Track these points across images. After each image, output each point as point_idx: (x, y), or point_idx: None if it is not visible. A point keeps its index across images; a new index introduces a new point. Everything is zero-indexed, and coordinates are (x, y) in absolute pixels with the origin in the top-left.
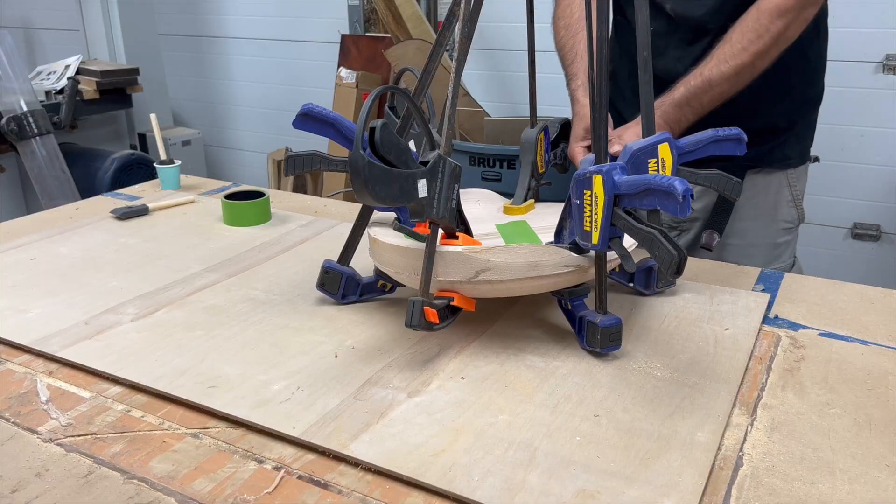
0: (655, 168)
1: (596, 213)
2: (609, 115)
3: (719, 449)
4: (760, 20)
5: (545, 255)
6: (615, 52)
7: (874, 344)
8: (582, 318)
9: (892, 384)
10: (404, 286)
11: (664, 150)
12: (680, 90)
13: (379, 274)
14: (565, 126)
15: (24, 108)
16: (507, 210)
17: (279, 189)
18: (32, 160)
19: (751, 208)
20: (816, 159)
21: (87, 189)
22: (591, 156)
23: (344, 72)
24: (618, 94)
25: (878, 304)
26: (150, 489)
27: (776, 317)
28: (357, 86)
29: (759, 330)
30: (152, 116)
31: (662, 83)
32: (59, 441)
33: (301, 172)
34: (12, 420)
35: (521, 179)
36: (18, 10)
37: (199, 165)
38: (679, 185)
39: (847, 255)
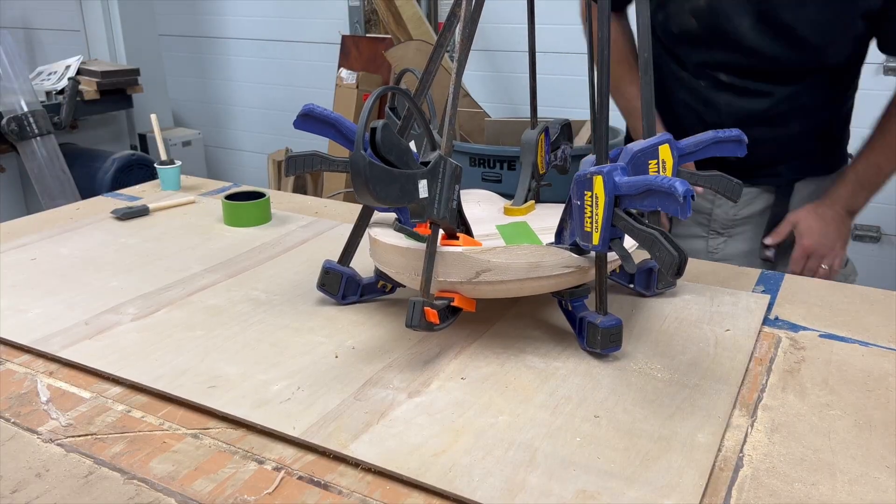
0: (656, 169)
1: (596, 214)
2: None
3: (719, 450)
4: None
5: (546, 256)
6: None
7: (874, 345)
8: (582, 318)
9: (892, 385)
10: (405, 287)
11: (664, 152)
12: (851, 179)
13: (379, 274)
14: (566, 127)
15: (25, 109)
16: (507, 211)
17: (279, 190)
18: (33, 160)
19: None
20: (850, 156)
21: (87, 189)
22: (592, 156)
23: (344, 72)
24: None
25: (879, 306)
26: (151, 489)
27: (776, 318)
28: (357, 86)
29: (760, 331)
30: (153, 117)
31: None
32: (59, 441)
33: (301, 173)
34: (12, 420)
35: (521, 180)
36: (19, 11)
37: (200, 166)
38: (680, 186)
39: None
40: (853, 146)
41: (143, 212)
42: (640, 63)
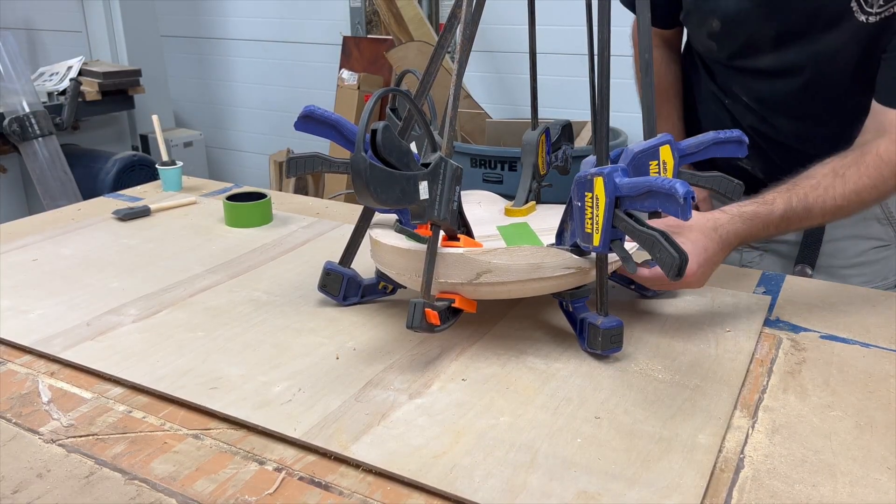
0: (657, 170)
1: (597, 215)
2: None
3: (720, 451)
4: (881, 170)
5: (546, 257)
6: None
7: (875, 346)
8: (583, 319)
9: (893, 386)
10: (405, 288)
11: (665, 152)
12: (779, 207)
13: (380, 275)
14: (567, 128)
15: (27, 109)
16: (508, 212)
17: (280, 191)
18: (34, 161)
19: (835, 228)
20: None
21: (88, 190)
22: (593, 157)
23: (345, 73)
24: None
25: (880, 307)
26: (152, 490)
27: (777, 319)
28: (358, 87)
29: (761, 332)
30: (154, 118)
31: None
32: (60, 442)
33: (302, 174)
34: (14, 420)
35: (522, 181)
36: (21, 12)
37: (201, 167)
38: (680, 188)
39: None
40: None
41: (144, 212)
42: (640, 64)
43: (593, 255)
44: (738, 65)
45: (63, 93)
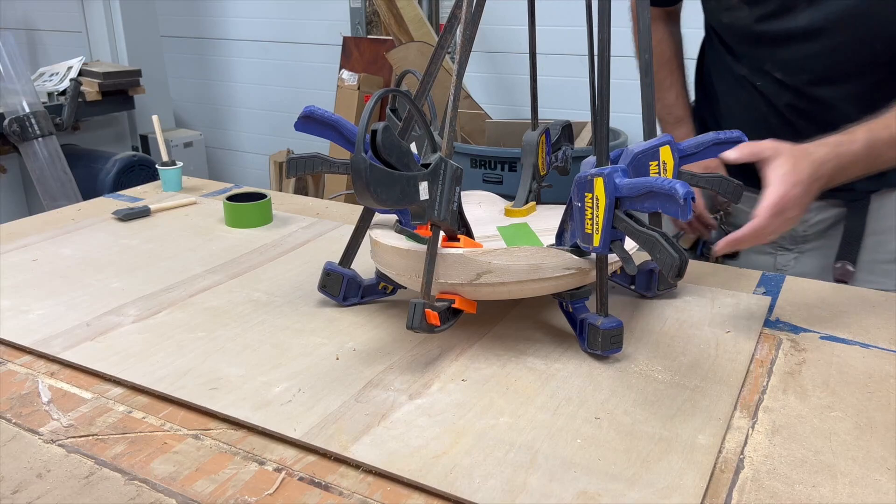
0: (657, 171)
1: (597, 216)
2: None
3: (720, 452)
4: None
5: (546, 258)
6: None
7: (875, 347)
8: (583, 320)
9: (893, 387)
10: (405, 288)
11: (665, 153)
12: (861, 137)
13: (380, 276)
14: (567, 129)
15: (27, 110)
16: (508, 212)
17: (280, 191)
18: (34, 161)
19: (878, 221)
20: None
21: (88, 190)
22: (593, 158)
23: (345, 74)
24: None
25: (880, 308)
26: (152, 490)
27: (777, 320)
28: (359, 88)
29: (761, 333)
30: (154, 118)
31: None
32: (60, 442)
33: (303, 174)
34: (14, 421)
35: (522, 182)
36: (21, 12)
37: (201, 167)
38: (680, 188)
39: None
40: None
41: (144, 213)
42: (640, 65)
43: (593, 255)
44: (769, 30)
45: (63, 93)
